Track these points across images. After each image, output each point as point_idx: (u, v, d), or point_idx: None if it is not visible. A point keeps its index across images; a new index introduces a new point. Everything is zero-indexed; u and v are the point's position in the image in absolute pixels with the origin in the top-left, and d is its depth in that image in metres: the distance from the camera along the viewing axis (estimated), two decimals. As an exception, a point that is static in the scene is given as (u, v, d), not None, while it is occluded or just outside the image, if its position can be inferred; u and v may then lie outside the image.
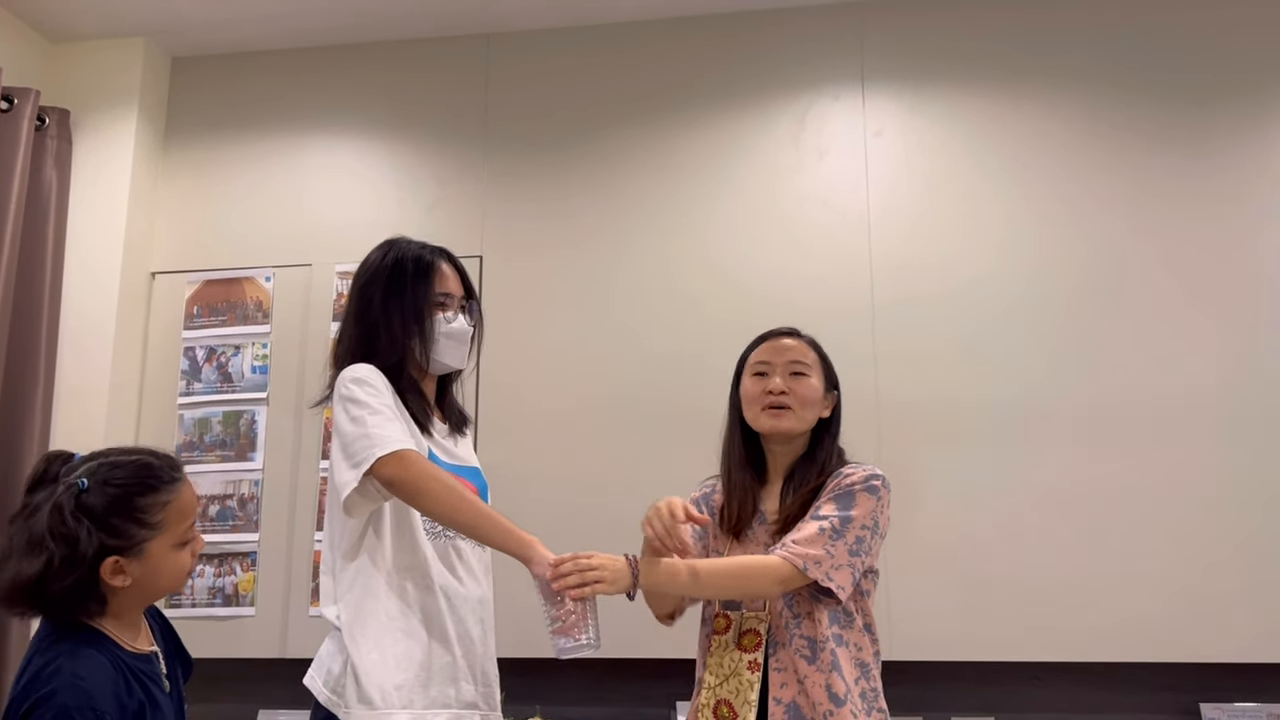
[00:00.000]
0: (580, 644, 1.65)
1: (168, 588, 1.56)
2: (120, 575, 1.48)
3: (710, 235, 3.08)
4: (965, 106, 3.05)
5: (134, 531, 1.48)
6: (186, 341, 3.24)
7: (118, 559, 1.47)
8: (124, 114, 3.29)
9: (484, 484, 2.02)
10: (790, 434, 1.89)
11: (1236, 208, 2.86)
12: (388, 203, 3.27)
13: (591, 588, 1.65)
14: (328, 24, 3.30)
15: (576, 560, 1.67)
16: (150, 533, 1.50)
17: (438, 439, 1.96)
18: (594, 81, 3.25)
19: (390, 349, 1.92)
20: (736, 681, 1.78)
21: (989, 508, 2.79)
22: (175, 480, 1.55)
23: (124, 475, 1.51)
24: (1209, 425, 2.75)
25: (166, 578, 1.53)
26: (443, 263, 1.99)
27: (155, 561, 1.50)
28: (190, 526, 1.57)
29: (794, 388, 1.88)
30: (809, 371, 1.90)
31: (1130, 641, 2.67)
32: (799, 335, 1.96)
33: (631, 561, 1.70)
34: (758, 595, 1.79)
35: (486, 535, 1.78)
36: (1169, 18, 3.00)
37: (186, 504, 1.56)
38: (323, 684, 1.81)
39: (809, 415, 1.89)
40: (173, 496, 1.53)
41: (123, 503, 1.49)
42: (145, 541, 1.49)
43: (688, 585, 1.76)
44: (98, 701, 1.41)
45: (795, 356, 1.91)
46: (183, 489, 1.56)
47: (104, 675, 1.45)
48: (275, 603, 3.02)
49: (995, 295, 2.91)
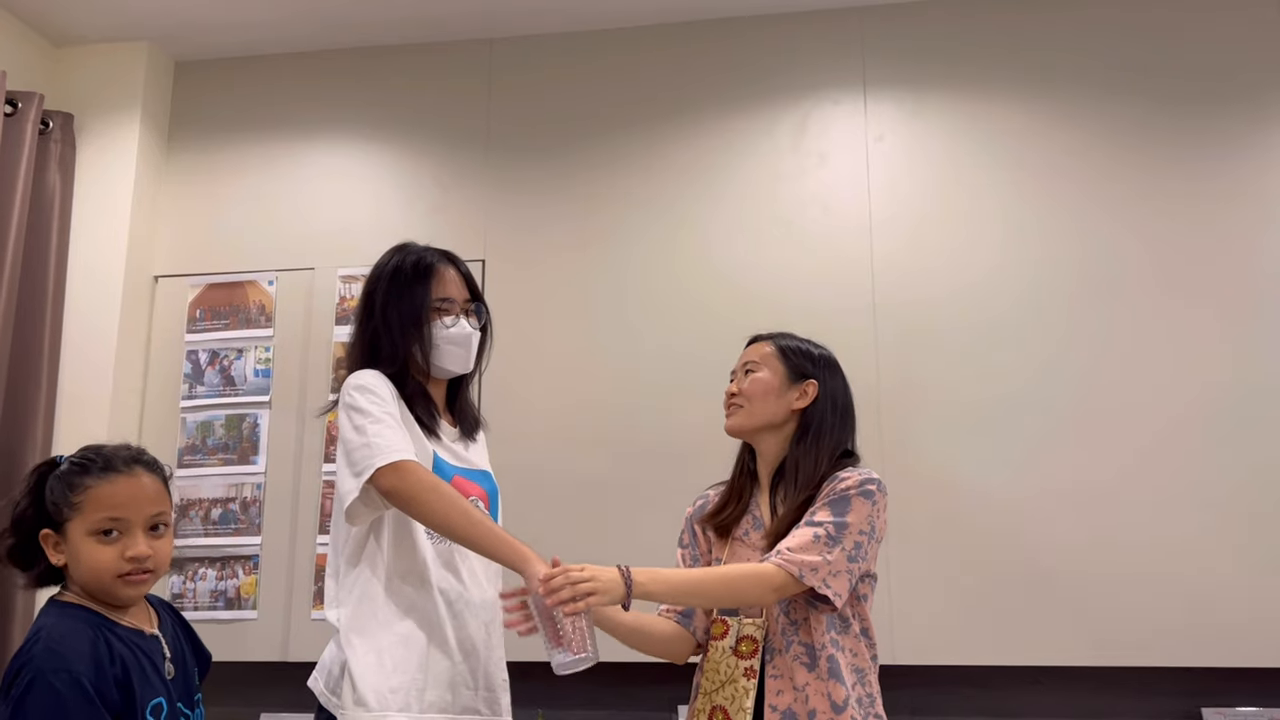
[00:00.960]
0: (578, 659, 1.62)
1: (90, 580, 1.52)
2: (56, 552, 1.53)
3: (712, 240, 3.09)
4: (967, 111, 3.06)
5: (61, 508, 1.52)
6: (189, 345, 3.24)
7: (48, 531, 1.53)
8: (127, 118, 3.30)
9: (494, 488, 2.01)
10: (742, 430, 1.92)
11: (1239, 209, 2.87)
12: (390, 207, 3.27)
13: (585, 601, 1.61)
14: (331, 29, 3.31)
15: (567, 574, 1.63)
16: (70, 512, 1.52)
17: (446, 443, 1.95)
18: (596, 86, 3.25)
19: (393, 354, 1.92)
20: (732, 688, 1.78)
21: (991, 512, 2.79)
22: (113, 471, 1.54)
23: (79, 455, 1.57)
24: (1212, 428, 2.75)
25: (85, 567, 1.51)
26: (444, 266, 1.98)
27: (73, 545, 1.52)
28: (110, 520, 1.51)
29: (743, 385, 1.92)
30: (757, 368, 1.92)
31: (1132, 645, 2.67)
32: (765, 336, 1.99)
33: (624, 572, 1.67)
34: (753, 603, 1.79)
35: (482, 546, 1.77)
36: (1171, 22, 3.00)
37: (107, 495, 1.52)
38: (324, 686, 1.82)
39: (759, 409, 1.89)
40: (98, 483, 1.52)
41: (62, 478, 1.53)
42: (65, 521, 1.52)
43: (682, 594, 1.75)
44: (72, 664, 1.42)
45: (749, 357, 1.95)
46: (116, 481, 1.53)
47: (80, 638, 1.46)
48: (277, 606, 3.02)
49: (997, 299, 2.91)
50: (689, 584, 1.77)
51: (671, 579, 1.75)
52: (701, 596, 1.78)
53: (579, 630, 1.63)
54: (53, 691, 1.39)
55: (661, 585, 1.71)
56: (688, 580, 1.77)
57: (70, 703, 1.40)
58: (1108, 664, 2.71)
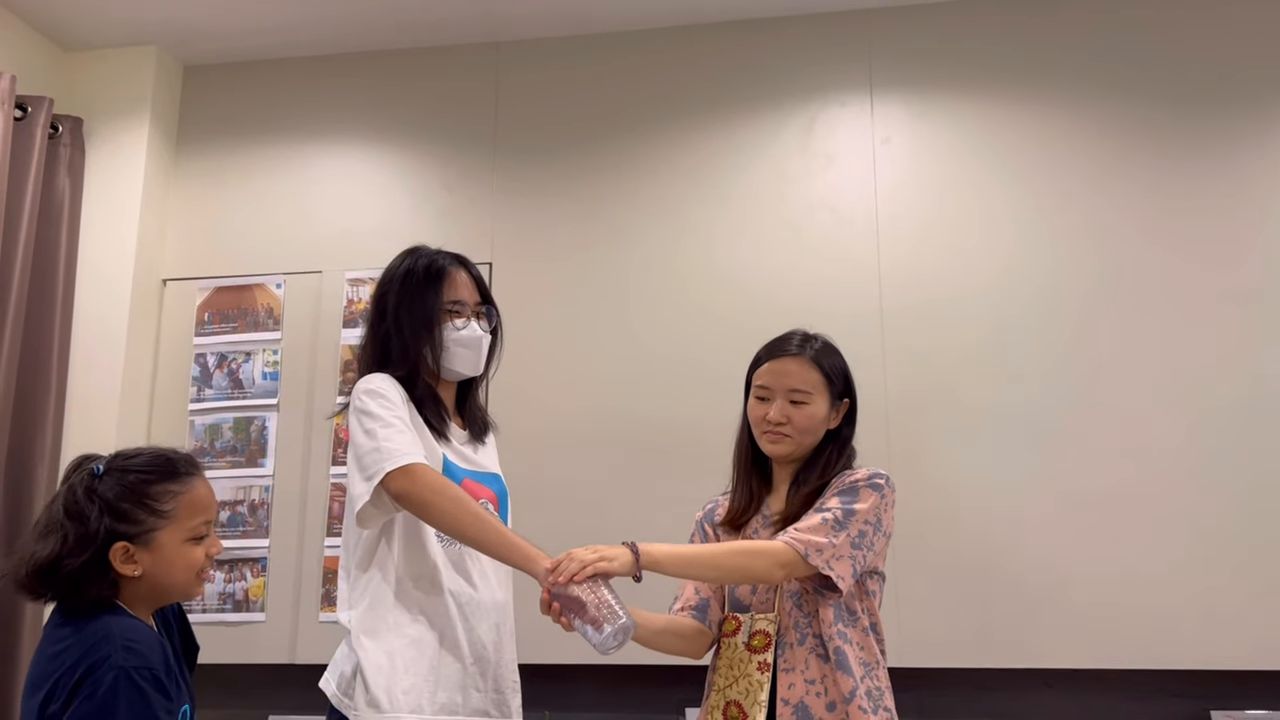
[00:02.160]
0: (612, 632, 1.61)
1: (180, 583, 1.56)
2: (130, 564, 1.51)
3: (718, 242, 3.09)
4: (973, 113, 3.05)
5: (143, 518, 1.51)
6: (198, 348, 3.25)
7: (127, 545, 1.50)
8: (136, 122, 3.31)
9: (504, 490, 2.02)
10: (789, 458, 1.90)
11: (1248, 211, 2.86)
12: (398, 210, 3.28)
13: (593, 567, 1.64)
14: (339, 33, 3.32)
15: (571, 555, 1.66)
16: (160, 521, 1.52)
17: (455, 445, 1.96)
18: (603, 89, 3.26)
19: (403, 357, 1.93)
20: (746, 682, 1.79)
21: (999, 513, 2.78)
22: (190, 474, 1.58)
23: (138, 464, 1.56)
24: (1223, 430, 2.74)
25: (178, 571, 1.54)
26: (455, 269, 1.99)
27: (165, 552, 1.52)
28: (205, 524, 1.58)
29: (792, 416, 1.86)
30: (808, 399, 1.86)
31: (1142, 648, 2.66)
32: (804, 352, 1.90)
33: (631, 546, 1.70)
34: (758, 578, 1.79)
35: (491, 549, 1.77)
36: (1178, 24, 2.99)
37: (200, 499, 1.57)
38: (335, 687, 1.83)
39: (808, 440, 1.88)
40: (185, 488, 1.56)
41: (134, 489, 1.52)
42: (154, 530, 1.52)
43: (689, 565, 1.75)
44: (152, 661, 1.46)
45: (794, 384, 1.87)
46: (197, 484, 1.58)
47: (151, 639, 1.49)
48: (285, 608, 3.03)
49: (1005, 301, 2.91)
50: (698, 556, 1.77)
51: (680, 551, 1.75)
52: (709, 568, 1.78)
53: (605, 604, 1.63)
54: (138, 688, 1.42)
55: (669, 556, 1.72)
56: (697, 553, 1.78)
57: (154, 699, 1.43)
58: (1117, 666, 2.70)
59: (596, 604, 1.63)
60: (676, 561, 1.73)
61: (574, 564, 1.64)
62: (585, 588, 1.64)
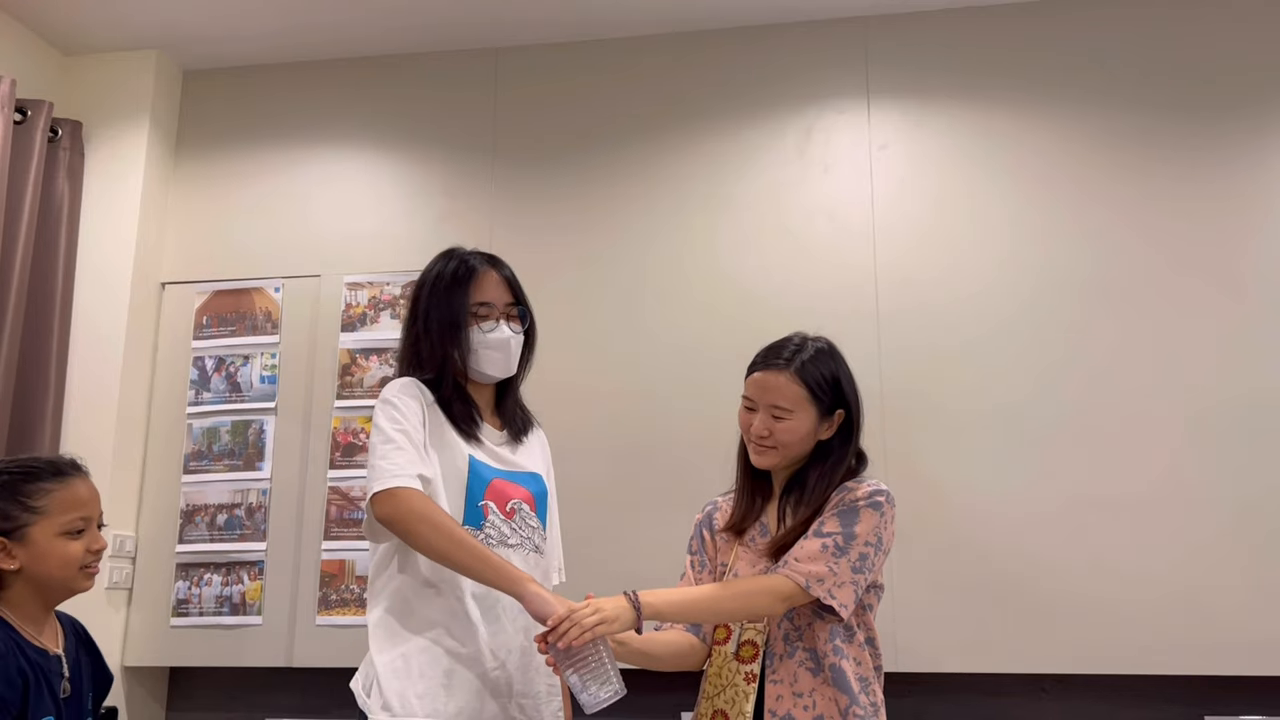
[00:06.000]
0: (608, 696, 1.62)
1: (59, 577, 1.65)
2: (9, 559, 1.62)
3: (717, 249, 3.09)
4: (970, 119, 3.07)
5: (16, 514, 1.62)
6: (196, 351, 3.26)
7: (4, 541, 1.62)
8: (135, 126, 3.32)
9: (543, 489, 2.00)
10: (776, 468, 1.89)
11: (1242, 216, 2.87)
12: (397, 215, 3.29)
13: (593, 631, 1.61)
14: (338, 38, 3.33)
15: (572, 617, 1.62)
16: (32, 516, 1.63)
17: (489, 446, 1.94)
18: (601, 96, 3.27)
19: (431, 359, 1.93)
20: (732, 692, 1.79)
21: (994, 519, 2.79)
22: (67, 474, 1.69)
23: (15, 465, 1.68)
24: (1217, 434, 2.75)
25: (54, 565, 1.64)
26: (485, 270, 1.98)
27: (39, 547, 1.63)
28: (81, 519, 1.67)
29: (774, 429, 1.83)
30: (788, 415, 1.83)
31: (1137, 653, 2.67)
32: (790, 365, 1.85)
33: (631, 597, 1.68)
34: (763, 614, 1.79)
35: (478, 575, 1.75)
36: (1174, 30, 3.01)
37: (75, 496, 1.68)
38: (360, 687, 1.82)
39: (794, 452, 1.86)
40: (59, 486, 1.67)
41: (7, 487, 1.64)
42: (27, 526, 1.63)
43: (691, 612, 1.76)
44: None
45: (774, 400, 1.83)
46: (74, 483, 1.69)
47: None
48: (282, 612, 3.02)
49: (1001, 306, 2.92)
50: (698, 601, 1.77)
51: (680, 599, 1.75)
52: (711, 613, 1.79)
53: (600, 668, 1.62)
54: None
55: (670, 605, 1.72)
56: (697, 598, 1.77)
57: None
58: (1112, 672, 2.71)
59: (594, 666, 1.62)
60: (677, 610, 1.74)
61: (575, 630, 1.60)
62: (584, 647, 1.63)
